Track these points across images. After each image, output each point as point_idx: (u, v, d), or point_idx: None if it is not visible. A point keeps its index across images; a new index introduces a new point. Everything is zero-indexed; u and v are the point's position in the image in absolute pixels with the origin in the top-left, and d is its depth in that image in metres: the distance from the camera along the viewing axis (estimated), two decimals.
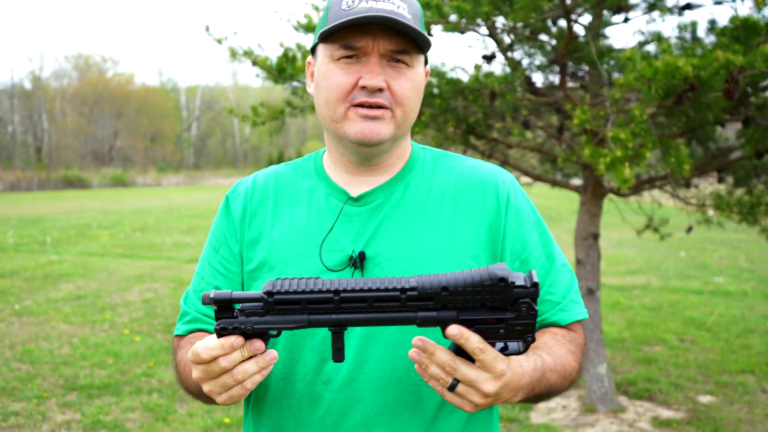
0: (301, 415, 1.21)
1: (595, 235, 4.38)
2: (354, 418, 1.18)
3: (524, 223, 1.26)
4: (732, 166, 4.31)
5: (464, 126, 4.16)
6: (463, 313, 0.94)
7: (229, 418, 4.25)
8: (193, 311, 1.28)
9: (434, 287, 0.93)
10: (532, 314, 0.94)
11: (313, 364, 1.20)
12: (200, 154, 63.32)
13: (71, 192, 35.26)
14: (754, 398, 4.57)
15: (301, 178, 1.30)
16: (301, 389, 1.21)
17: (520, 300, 0.93)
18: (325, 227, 1.22)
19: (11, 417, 4.24)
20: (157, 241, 13.29)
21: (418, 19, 1.18)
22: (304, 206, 1.26)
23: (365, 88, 1.15)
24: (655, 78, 2.67)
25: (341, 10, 1.14)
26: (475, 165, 1.31)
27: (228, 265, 1.28)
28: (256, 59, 3.80)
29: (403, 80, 1.17)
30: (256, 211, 1.28)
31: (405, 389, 1.18)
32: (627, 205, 5.23)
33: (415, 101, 1.21)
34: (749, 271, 9.68)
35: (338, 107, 1.18)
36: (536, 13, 3.40)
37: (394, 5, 1.14)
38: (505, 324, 0.94)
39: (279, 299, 0.94)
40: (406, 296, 0.93)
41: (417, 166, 1.29)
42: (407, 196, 1.25)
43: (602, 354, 4.34)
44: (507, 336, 0.95)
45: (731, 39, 3.01)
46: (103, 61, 59.99)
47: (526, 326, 0.94)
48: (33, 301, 7.62)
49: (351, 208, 1.23)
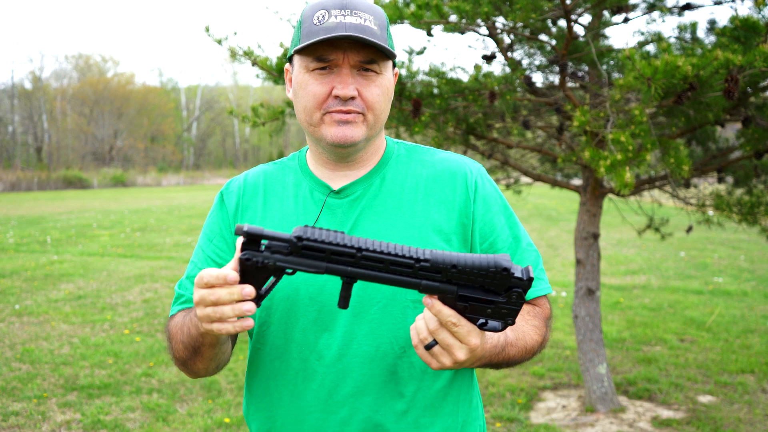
0: (296, 390, 1.33)
1: (595, 235, 4.39)
2: (345, 390, 1.30)
3: (491, 208, 1.38)
4: (732, 166, 4.31)
5: (464, 126, 4.16)
6: (462, 290, 1.04)
7: (229, 418, 4.25)
8: (187, 294, 1.39)
9: (445, 263, 1.02)
10: (520, 303, 1.04)
11: (307, 342, 1.31)
12: (200, 154, 63.33)
13: (71, 192, 35.26)
14: (754, 398, 4.57)
15: (288, 175, 1.43)
16: (295, 366, 1.32)
17: (514, 289, 1.03)
18: (311, 218, 1.35)
19: (11, 417, 4.24)
20: (157, 241, 13.29)
21: (384, 28, 1.30)
22: (291, 200, 1.38)
23: (338, 97, 1.27)
24: (655, 77, 2.67)
25: (313, 24, 1.26)
26: (445, 157, 1.43)
27: (221, 253, 1.40)
28: (256, 59, 3.80)
29: (372, 87, 1.29)
30: (248, 205, 1.40)
31: (390, 362, 1.30)
32: (627, 205, 5.23)
33: (384, 104, 1.32)
34: (749, 271, 9.68)
35: (314, 114, 1.30)
36: (536, 13, 3.40)
37: (361, 19, 1.25)
38: (495, 306, 1.05)
39: (307, 245, 1.02)
40: (419, 266, 1.02)
41: (392, 160, 1.41)
42: (384, 187, 1.37)
43: (602, 354, 4.34)
44: (492, 316, 1.06)
45: (731, 39, 3.01)
46: (103, 61, 60.03)
47: (511, 311, 1.05)
48: (33, 301, 7.63)
49: (333, 201, 1.36)
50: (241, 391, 4.73)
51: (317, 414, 1.31)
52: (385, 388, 1.30)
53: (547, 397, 4.65)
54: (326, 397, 1.30)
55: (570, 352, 5.58)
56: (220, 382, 4.92)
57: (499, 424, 4.18)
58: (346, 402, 1.30)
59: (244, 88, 63.98)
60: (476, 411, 1.43)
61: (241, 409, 4.41)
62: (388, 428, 1.30)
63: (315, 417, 1.31)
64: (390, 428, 1.31)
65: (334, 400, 1.30)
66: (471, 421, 1.41)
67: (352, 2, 1.28)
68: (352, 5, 1.27)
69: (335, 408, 1.30)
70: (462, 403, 1.38)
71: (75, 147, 52.53)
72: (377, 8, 1.32)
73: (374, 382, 1.30)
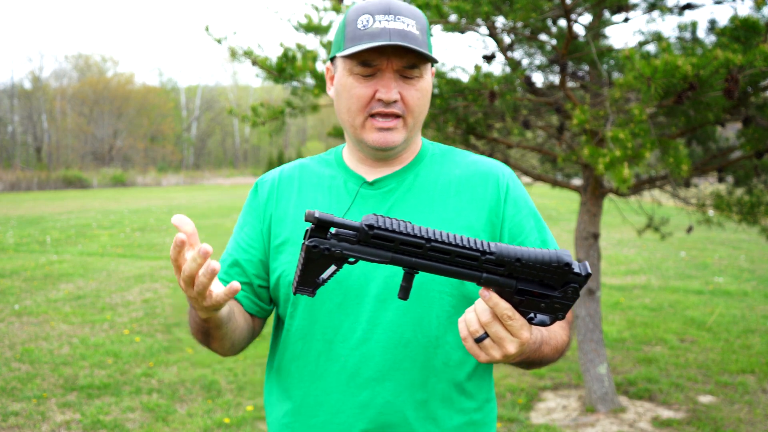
0: (318, 371, 1.36)
1: (595, 235, 4.38)
2: (367, 374, 1.33)
3: (521, 210, 1.42)
4: (732, 165, 4.31)
5: (464, 126, 4.16)
6: (521, 284, 1.03)
7: (229, 418, 4.25)
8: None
9: (510, 256, 1.02)
10: (575, 298, 1.04)
11: (332, 324, 1.35)
12: (200, 154, 63.31)
13: (71, 192, 35.27)
14: (754, 398, 4.57)
15: (324, 168, 1.48)
16: (318, 347, 1.36)
17: (571, 284, 1.03)
18: (343, 208, 1.39)
19: (11, 417, 4.24)
20: (157, 241, 13.29)
21: (425, 32, 1.34)
22: (325, 190, 1.43)
23: (381, 100, 1.32)
24: (655, 77, 2.67)
25: (357, 29, 1.31)
26: (478, 159, 1.47)
27: (250, 241, 1.44)
28: (256, 59, 3.80)
29: (413, 91, 1.33)
30: (282, 195, 1.45)
31: (413, 350, 1.33)
32: (627, 205, 5.22)
33: (424, 106, 1.37)
34: (749, 271, 9.67)
35: (358, 117, 1.35)
36: (536, 12, 3.40)
37: (404, 24, 1.30)
38: (549, 300, 1.04)
39: (377, 233, 1.00)
40: (484, 258, 1.02)
41: (426, 158, 1.46)
42: (417, 183, 1.41)
43: (602, 354, 4.34)
44: (545, 310, 1.06)
45: (731, 38, 3.00)
46: (103, 61, 59.99)
47: (564, 306, 1.05)
48: (33, 301, 7.62)
49: (366, 191, 1.40)
50: (241, 392, 4.73)
51: (338, 395, 1.34)
52: (406, 376, 1.33)
53: (548, 397, 4.65)
54: (348, 380, 1.34)
55: (570, 352, 5.58)
56: (220, 382, 4.92)
57: (499, 424, 4.17)
58: (367, 386, 1.33)
59: (244, 88, 63.97)
60: (490, 404, 1.46)
61: (241, 409, 4.41)
62: (406, 415, 1.33)
63: (335, 398, 1.35)
64: (408, 415, 1.33)
65: (355, 383, 1.33)
66: (486, 413, 1.44)
67: (396, 7, 1.31)
68: (396, 10, 1.31)
69: (356, 391, 1.33)
70: (479, 397, 1.41)
71: (75, 147, 52.52)
72: (418, 12, 1.36)
73: (396, 369, 1.33)
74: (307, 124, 59.37)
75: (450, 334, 1.34)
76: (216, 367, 5.25)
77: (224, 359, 5.43)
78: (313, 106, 4.02)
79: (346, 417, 1.34)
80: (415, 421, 1.34)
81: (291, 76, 3.73)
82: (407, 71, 1.32)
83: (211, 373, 5.09)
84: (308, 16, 4.30)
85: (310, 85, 3.79)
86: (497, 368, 5.21)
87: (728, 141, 4.59)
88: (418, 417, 1.34)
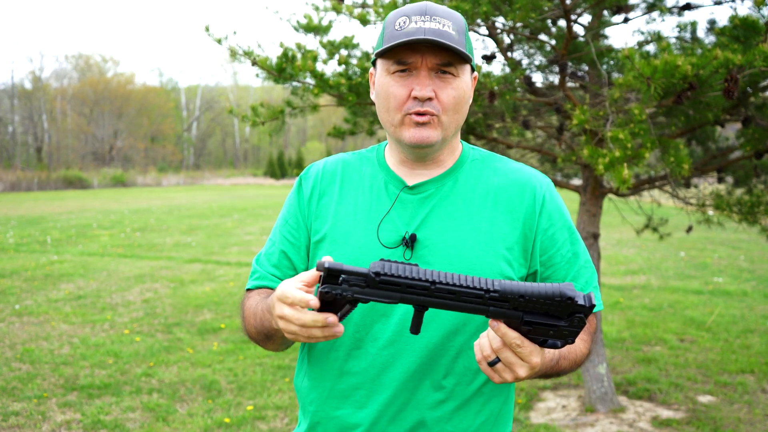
0: (346, 366, 1.41)
1: (595, 235, 4.39)
2: (392, 373, 1.38)
3: (555, 223, 1.44)
4: (732, 166, 4.31)
5: (464, 126, 4.16)
6: (527, 315, 1.10)
7: (229, 418, 4.25)
8: (263, 270, 1.50)
9: (513, 293, 1.08)
10: (581, 326, 1.09)
11: (364, 324, 1.39)
12: (200, 154, 63.30)
13: (71, 192, 35.26)
14: (754, 398, 4.57)
15: (365, 166, 1.50)
16: (349, 344, 1.40)
17: (576, 314, 1.08)
18: (384, 209, 1.42)
19: (11, 417, 4.24)
20: (157, 241, 13.29)
21: (462, 33, 1.35)
22: (366, 190, 1.46)
23: (416, 98, 1.33)
24: (654, 77, 2.67)
25: (394, 30, 1.33)
26: (518, 168, 1.49)
27: (295, 233, 1.49)
28: (255, 59, 3.80)
29: (448, 89, 1.34)
30: (325, 190, 1.49)
31: (437, 354, 1.37)
32: (627, 205, 5.22)
33: (460, 105, 1.38)
34: (749, 271, 9.67)
35: (396, 115, 1.37)
36: (536, 13, 3.40)
37: (440, 24, 1.32)
38: (557, 328, 1.10)
39: (384, 279, 1.08)
40: (488, 296, 1.09)
41: (466, 164, 1.47)
42: (456, 189, 1.44)
43: (602, 354, 4.34)
44: (554, 336, 1.12)
45: (731, 38, 3.00)
46: (103, 61, 60.02)
47: (572, 333, 1.11)
48: (33, 301, 7.63)
49: (406, 195, 1.43)
50: (241, 391, 4.73)
51: (363, 392, 1.40)
52: (427, 378, 1.38)
53: (547, 397, 4.65)
54: (374, 378, 1.39)
55: None
56: (221, 381, 4.93)
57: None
58: (391, 385, 1.38)
59: (244, 88, 63.97)
60: (508, 406, 1.49)
61: (242, 409, 4.41)
62: (424, 416, 1.38)
63: (361, 394, 1.40)
64: (426, 416, 1.38)
65: (380, 381, 1.38)
66: (503, 415, 1.48)
67: (432, 8, 1.34)
68: (432, 11, 1.33)
69: (380, 389, 1.39)
70: (497, 401, 1.45)
71: (75, 147, 52.51)
72: (456, 14, 1.38)
73: (419, 371, 1.37)
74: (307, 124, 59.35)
75: (474, 339, 1.38)
76: (216, 367, 5.25)
77: (224, 359, 5.44)
78: (313, 106, 4.02)
79: (368, 413, 1.39)
80: (431, 421, 1.39)
81: (291, 76, 3.73)
82: (443, 68, 1.33)
83: (211, 373, 5.10)
84: (308, 16, 4.30)
85: (310, 85, 3.79)
86: None
87: (728, 141, 4.59)
88: (435, 417, 1.39)
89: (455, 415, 1.39)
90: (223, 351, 5.67)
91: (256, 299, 1.43)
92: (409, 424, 1.38)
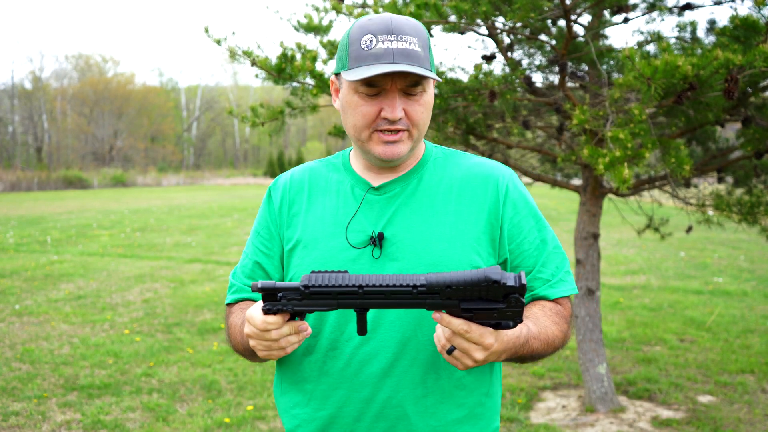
0: (325, 367, 1.44)
1: (595, 235, 4.38)
2: (369, 371, 1.41)
3: (520, 211, 1.47)
4: (732, 166, 4.31)
5: (464, 126, 4.16)
6: (464, 303, 1.14)
7: (229, 418, 4.25)
8: (239, 284, 1.55)
9: (440, 284, 1.13)
10: (521, 305, 1.13)
11: (338, 324, 1.42)
12: (200, 154, 63.29)
13: (71, 192, 35.26)
14: (754, 398, 4.57)
15: (332, 172, 1.54)
16: (325, 345, 1.44)
17: (511, 295, 1.12)
18: (351, 212, 1.46)
19: (11, 417, 4.24)
20: (157, 241, 13.29)
21: (426, 48, 1.38)
22: (333, 195, 1.50)
23: (386, 119, 1.36)
24: (654, 77, 2.67)
25: (361, 49, 1.35)
26: (479, 162, 1.52)
27: (268, 244, 1.54)
28: (255, 59, 3.80)
29: (417, 106, 1.38)
30: (294, 199, 1.53)
31: (413, 349, 1.40)
32: (627, 205, 5.22)
33: (427, 118, 1.42)
34: (749, 271, 9.67)
35: (364, 132, 1.40)
36: (536, 13, 3.40)
37: (407, 43, 1.34)
38: (498, 311, 1.15)
39: (314, 291, 1.16)
40: (417, 291, 1.14)
41: (429, 162, 1.51)
42: (420, 186, 1.47)
43: (602, 354, 4.34)
44: (499, 318, 1.16)
45: (731, 38, 3.00)
46: (103, 61, 59.99)
47: (515, 312, 1.15)
48: (33, 301, 7.63)
49: (372, 196, 1.46)
50: (241, 391, 4.73)
51: (343, 391, 1.43)
52: (406, 373, 1.40)
53: (547, 397, 4.65)
54: (352, 376, 1.42)
55: (570, 352, 5.58)
56: (221, 381, 4.93)
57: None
58: (370, 382, 1.41)
59: (244, 88, 63.94)
60: (492, 399, 1.50)
61: (242, 409, 4.41)
62: (407, 411, 1.40)
63: (341, 394, 1.43)
64: (409, 411, 1.40)
65: (359, 379, 1.41)
66: (487, 407, 1.48)
67: (397, 25, 1.35)
68: (398, 29, 1.34)
69: (359, 387, 1.41)
70: (478, 393, 1.46)
71: (75, 147, 52.50)
72: (420, 28, 1.39)
73: (397, 367, 1.40)
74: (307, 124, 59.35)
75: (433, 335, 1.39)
76: (216, 367, 5.25)
77: (224, 359, 5.43)
78: (312, 107, 4.02)
79: (351, 411, 1.42)
80: (414, 416, 1.40)
81: (291, 76, 3.73)
82: (411, 89, 1.36)
83: (211, 373, 5.10)
84: (308, 16, 4.30)
85: (309, 85, 3.79)
86: None
87: (728, 141, 4.59)
88: (418, 411, 1.41)
89: (438, 409, 1.41)
90: (223, 351, 5.67)
91: (239, 315, 1.48)
92: (392, 421, 1.40)
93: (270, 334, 1.22)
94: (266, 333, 1.23)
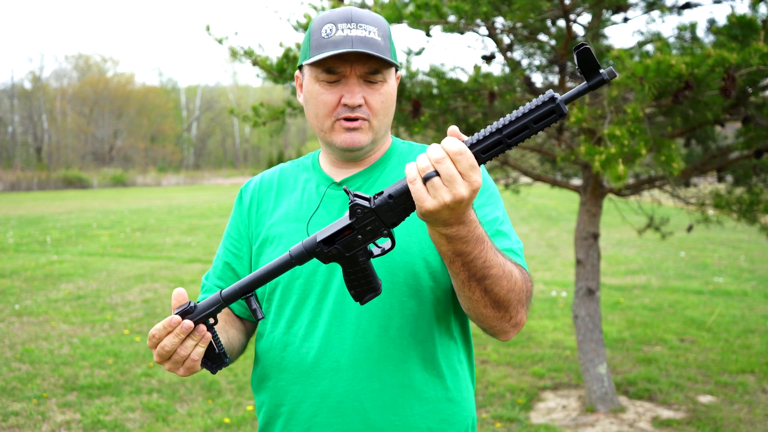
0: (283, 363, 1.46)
1: (595, 235, 4.39)
2: (325, 364, 1.41)
3: (479, 197, 1.44)
4: (731, 165, 4.31)
5: (464, 126, 4.16)
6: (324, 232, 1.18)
7: (229, 418, 4.25)
8: (210, 284, 1.59)
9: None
10: (367, 212, 1.12)
11: (296, 319, 1.44)
12: (200, 154, 63.29)
13: (71, 192, 35.26)
14: (754, 398, 4.57)
15: (301, 172, 1.57)
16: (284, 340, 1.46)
17: (350, 205, 1.13)
18: (313, 208, 1.48)
19: (11, 417, 4.24)
20: (157, 241, 13.29)
21: (387, 38, 1.39)
22: (299, 193, 1.53)
23: (347, 105, 1.38)
24: (647, 76, 2.67)
25: (321, 37, 1.36)
26: None
27: (237, 245, 1.57)
28: (256, 59, 3.80)
29: (377, 95, 1.39)
30: (262, 199, 1.56)
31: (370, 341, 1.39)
32: (627, 205, 5.22)
33: (388, 109, 1.43)
34: (749, 271, 9.67)
35: (325, 121, 1.41)
36: (535, 13, 3.40)
37: (366, 31, 1.35)
38: (356, 229, 1.14)
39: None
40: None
41: (394, 156, 1.52)
42: (381, 179, 1.48)
43: (602, 354, 4.34)
44: (366, 238, 1.15)
45: (728, 37, 3.00)
46: (103, 61, 59.99)
47: (372, 223, 1.13)
48: (33, 301, 7.63)
49: (334, 191, 1.48)
50: (241, 392, 4.73)
51: (300, 386, 1.43)
52: (362, 366, 1.39)
53: (547, 397, 4.65)
54: (308, 371, 1.42)
55: (570, 352, 5.58)
56: (220, 382, 4.93)
57: (499, 424, 4.18)
58: (326, 376, 1.40)
59: (244, 88, 63.95)
60: (461, 393, 1.46)
61: (241, 409, 4.42)
62: (364, 404, 1.39)
63: (298, 388, 1.43)
64: (366, 405, 1.39)
65: (315, 373, 1.41)
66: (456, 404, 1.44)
67: (357, 15, 1.37)
68: (357, 18, 1.37)
69: (316, 381, 1.41)
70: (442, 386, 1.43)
71: (75, 147, 52.51)
72: (380, 19, 1.42)
73: (352, 360, 1.39)
74: (307, 124, 59.33)
75: (406, 327, 1.40)
76: None
77: None
78: None
79: (308, 406, 1.42)
80: (372, 410, 1.39)
81: (291, 76, 3.73)
82: (371, 76, 1.37)
83: (211, 373, 5.09)
84: (308, 16, 4.30)
85: None
86: (495, 368, 5.22)
87: (727, 140, 4.59)
88: (376, 406, 1.39)
89: (396, 402, 1.39)
90: None
91: None
92: (350, 415, 1.39)
93: (164, 347, 1.22)
94: (160, 348, 1.23)
